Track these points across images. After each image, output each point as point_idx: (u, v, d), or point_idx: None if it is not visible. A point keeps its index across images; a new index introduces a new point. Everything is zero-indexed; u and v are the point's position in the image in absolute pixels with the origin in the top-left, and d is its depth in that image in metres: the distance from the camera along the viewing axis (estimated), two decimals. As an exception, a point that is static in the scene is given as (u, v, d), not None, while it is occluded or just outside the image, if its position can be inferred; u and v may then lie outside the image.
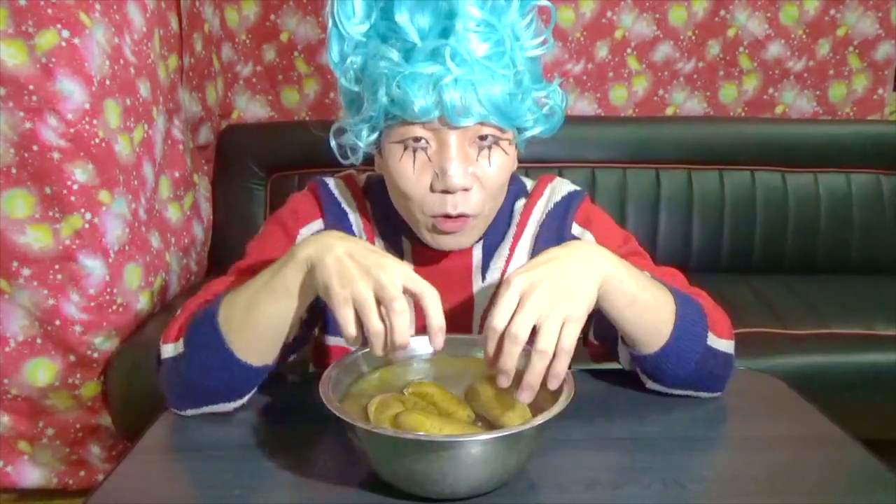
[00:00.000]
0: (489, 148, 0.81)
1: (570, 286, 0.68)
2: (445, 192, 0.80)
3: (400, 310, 0.65)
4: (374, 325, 0.65)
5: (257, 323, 0.73)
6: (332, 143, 0.88)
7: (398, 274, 0.66)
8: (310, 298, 0.72)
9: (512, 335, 0.64)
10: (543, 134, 0.87)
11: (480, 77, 0.76)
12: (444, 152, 0.79)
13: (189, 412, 0.78)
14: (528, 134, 0.85)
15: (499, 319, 0.65)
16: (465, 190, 0.80)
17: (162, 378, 0.79)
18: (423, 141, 0.79)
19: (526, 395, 0.65)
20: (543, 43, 0.83)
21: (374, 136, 0.84)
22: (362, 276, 0.66)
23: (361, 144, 0.84)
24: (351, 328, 0.66)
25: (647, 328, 0.76)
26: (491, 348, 0.66)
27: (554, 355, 0.65)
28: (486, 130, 0.79)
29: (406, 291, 0.66)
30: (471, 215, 0.82)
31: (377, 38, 0.80)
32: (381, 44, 0.79)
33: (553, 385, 0.65)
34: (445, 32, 0.76)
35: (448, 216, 0.81)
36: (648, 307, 0.75)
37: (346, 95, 0.85)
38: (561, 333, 0.65)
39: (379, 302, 0.66)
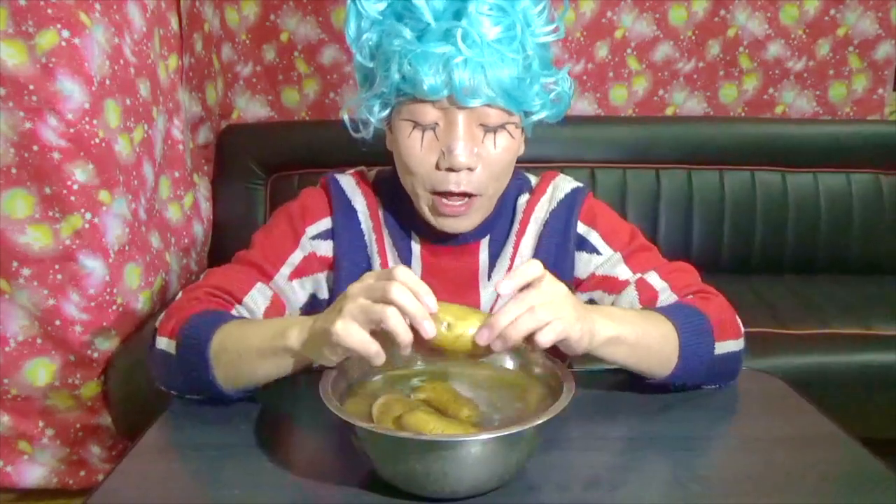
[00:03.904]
0: (495, 131, 0.82)
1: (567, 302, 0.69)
2: (450, 169, 0.81)
3: (399, 285, 0.63)
4: (391, 320, 0.62)
5: (243, 373, 0.75)
6: (345, 117, 0.90)
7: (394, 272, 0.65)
8: (298, 366, 0.73)
9: (518, 300, 0.65)
10: (550, 119, 0.88)
11: (490, 59, 0.78)
12: (451, 131, 0.81)
13: (174, 394, 0.82)
14: (535, 118, 0.87)
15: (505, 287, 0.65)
16: (470, 169, 0.82)
17: (152, 361, 0.82)
18: (431, 123, 0.81)
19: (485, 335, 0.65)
20: (555, 31, 0.84)
21: (386, 111, 0.86)
22: (353, 296, 0.65)
23: (373, 119, 0.86)
24: (369, 348, 0.64)
25: (653, 365, 0.78)
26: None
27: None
28: (493, 113, 0.81)
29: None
30: (474, 194, 0.83)
31: (393, 16, 0.82)
32: (395, 22, 0.81)
33: (492, 343, 0.65)
34: (459, 14, 0.78)
35: (451, 193, 0.82)
36: (652, 350, 0.77)
37: (360, 71, 0.87)
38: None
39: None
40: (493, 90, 0.79)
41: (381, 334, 0.64)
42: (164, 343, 0.79)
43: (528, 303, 0.65)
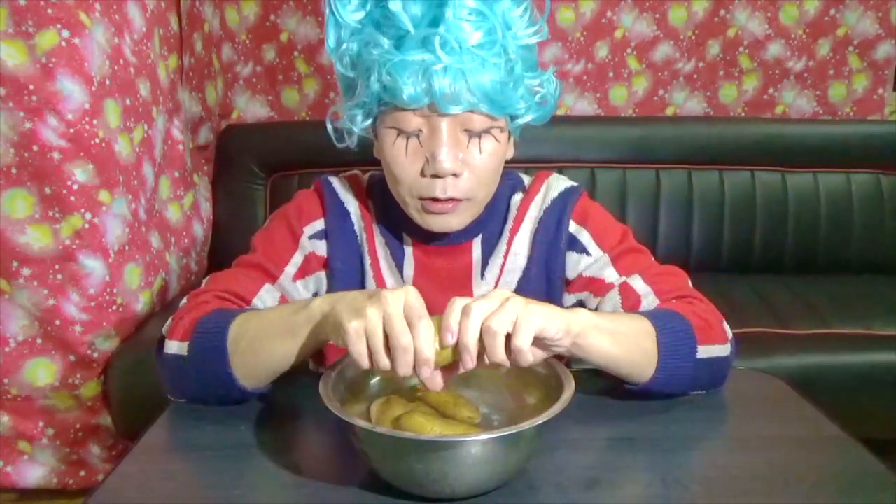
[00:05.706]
0: (480, 136, 0.82)
1: (531, 305, 0.66)
2: (435, 176, 0.81)
3: (405, 345, 0.62)
4: (383, 361, 0.63)
5: (260, 356, 0.75)
6: (329, 127, 0.90)
7: (401, 298, 0.64)
8: (314, 344, 0.73)
9: (487, 329, 0.64)
10: (536, 122, 0.87)
11: (471, 65, 0.77)
12: (434, 138, 0.80)
13: (184, 401, 0.81)
14: (520, 121, 0.86)
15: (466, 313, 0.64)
16: (455, 175, 0.81)
17: (162, 369, 0.81)
18: (415, 130, 0.81)
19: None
20: (538, 32, 0.83)
21: (369, 121, 0.85)
22: (371, 303, 0.64)
23: (356, 129, 0.86)
24: (364, 362, 0.64)
25: (636, 359, 0.76)
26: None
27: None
28: (476, 118, 0.80)
29: (406, 317, 0.64)
30: (461, 199, 0.83)
31: (371, 25, 0.81)
32: (374, 31, 0.80)
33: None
34: (437, 20, 0.77)
35: (437, 199, 0.82)
36: (631, 340, 0.75)
37: (342, 80, 0.87)
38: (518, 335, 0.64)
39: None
40: (474, 96, 0.78)
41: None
42: (174, 347, 0.78)
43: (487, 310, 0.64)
